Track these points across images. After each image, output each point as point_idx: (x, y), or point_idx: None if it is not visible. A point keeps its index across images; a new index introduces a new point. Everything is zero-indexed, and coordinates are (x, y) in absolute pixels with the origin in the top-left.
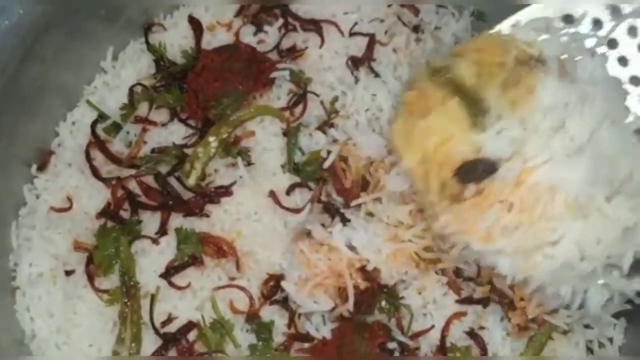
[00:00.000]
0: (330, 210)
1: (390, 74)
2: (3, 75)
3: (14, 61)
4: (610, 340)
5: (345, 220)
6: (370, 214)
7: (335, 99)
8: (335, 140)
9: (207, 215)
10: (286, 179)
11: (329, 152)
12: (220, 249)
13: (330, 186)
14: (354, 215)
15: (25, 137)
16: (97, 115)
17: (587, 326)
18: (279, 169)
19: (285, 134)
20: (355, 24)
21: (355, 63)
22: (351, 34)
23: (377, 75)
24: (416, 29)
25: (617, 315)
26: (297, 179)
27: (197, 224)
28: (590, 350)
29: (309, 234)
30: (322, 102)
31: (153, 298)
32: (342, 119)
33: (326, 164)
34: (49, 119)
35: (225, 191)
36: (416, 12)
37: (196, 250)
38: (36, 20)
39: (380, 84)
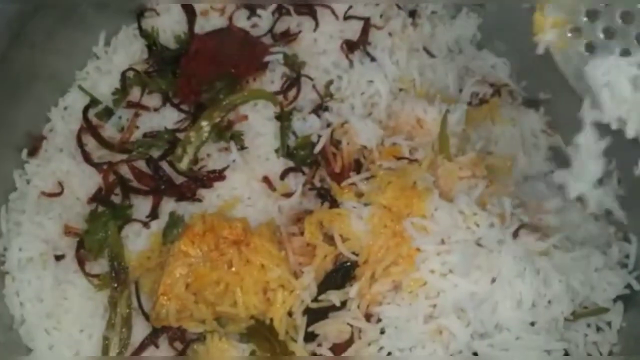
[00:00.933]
0: (324, 195)
1: (387, 58)
2: None
3: (3, 46)
4: (609, 324)
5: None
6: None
7: (330, 82)
8: (329, 125)
9: (200, 200)
10: (280, 163)
11: (319, 137)
12: None
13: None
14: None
15: (16, 123)
16: (89, 100)
17: (585, 308)
18: (272, 153)
19: (278, 118)
20: (350, 7)
21: (350, 47)
22: (346, 18)
23: (373, 59)
24: (412, 13)
25: (615, 300)
26: (291, 164)
27: (190, 209)
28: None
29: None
30: (314, 86)
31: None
32: (337, 102)
33: (317, 149)
34: (40, 104)
35: (218, 175)
36: None
37: None
38: (25, 5)
39: (377, 69)
